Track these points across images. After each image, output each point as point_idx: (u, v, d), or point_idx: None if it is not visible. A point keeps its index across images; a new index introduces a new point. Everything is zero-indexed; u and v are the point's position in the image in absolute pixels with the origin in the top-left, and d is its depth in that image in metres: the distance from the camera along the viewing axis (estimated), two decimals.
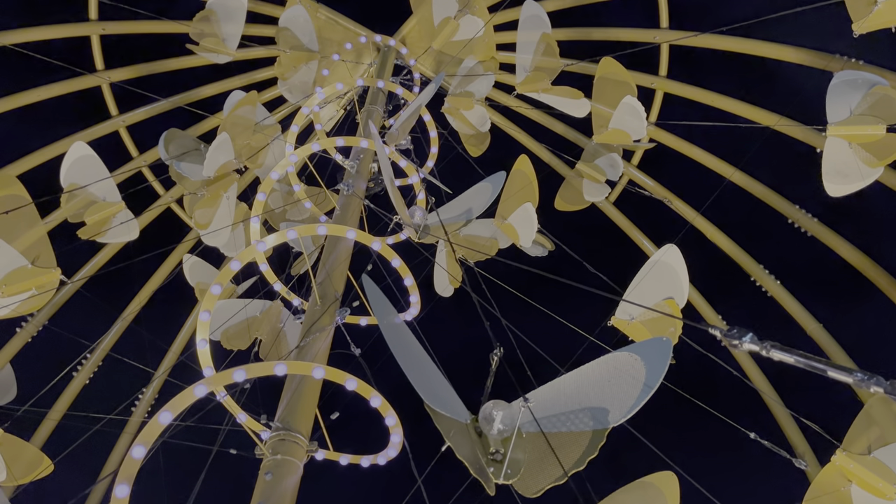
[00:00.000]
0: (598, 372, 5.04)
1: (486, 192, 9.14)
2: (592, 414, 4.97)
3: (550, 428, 5.10)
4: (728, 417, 10.91)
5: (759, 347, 4.24)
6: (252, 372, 7.09)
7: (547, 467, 5.06)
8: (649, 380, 4.72)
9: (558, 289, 14.02)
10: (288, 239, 9.01)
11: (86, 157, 12.55)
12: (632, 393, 4.81)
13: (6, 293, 8.84)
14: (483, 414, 5.44)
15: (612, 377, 4.91)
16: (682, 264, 10.04)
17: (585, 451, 4.97)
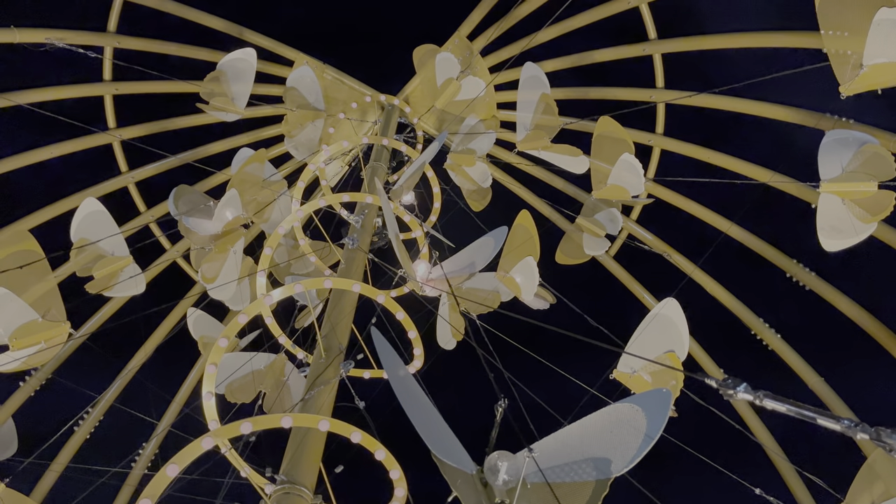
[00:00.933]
0: (601, 423, 5.14)
1: (489, 246, 9.36)
2: (595, 464, 5.05)
3: (555, 478, 5.17)
4: (731, 470, 10.88)
5: (753, 397, 4.39)
6: (258, 424, 7.17)
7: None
8: (650, 430, 4.83)
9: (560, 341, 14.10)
10: (294, 293, 9.17)
11: (96, 213, 12.82)
12: (633, 443, 4.91)
13: (16, 346, 8.96)
14: (488, 465, 5.52)
15: (613, 428, 5.02)
16: (681, 317, 10.19)
17: (589, 501, 5.03)
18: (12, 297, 9.01)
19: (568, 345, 12.84)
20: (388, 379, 5.95)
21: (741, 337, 15.52)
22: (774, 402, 4.28)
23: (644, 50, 15.43)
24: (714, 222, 15.49)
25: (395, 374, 5.80)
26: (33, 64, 15.83)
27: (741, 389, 4.39)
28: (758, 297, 15.70)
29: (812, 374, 14.22)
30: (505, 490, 5.31)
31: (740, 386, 4.43)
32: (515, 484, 5.18)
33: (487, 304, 12.40)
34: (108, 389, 15.57)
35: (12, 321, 9.01)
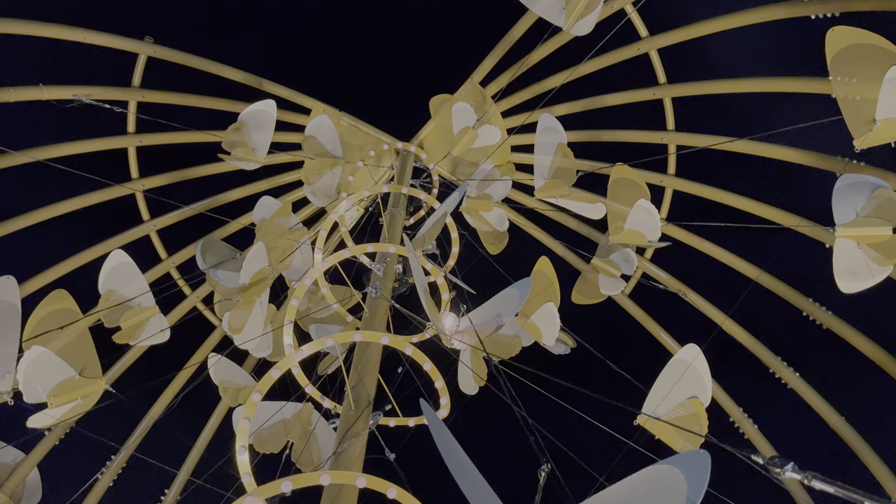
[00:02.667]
0: (641, 485, 5.28)
1: (514, 298, 9.56)
2: None
3: None
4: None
5: (801, 477, 4.51)
6: (298, 482, 7.33)
7: None
8: (691, 494, 4.97)
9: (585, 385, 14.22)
10: (325, 347, 9.39)
11: (123, 265, 13.12)
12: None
13: (55, 404, 9.17)
14: None
15: (654, 491, 5.16)
16: (703, 363, 10.33)
17: None
18: (50, 355, 9.25)
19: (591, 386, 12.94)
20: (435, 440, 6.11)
21: (758, 374, 15.62)
22: (823, 483, 4.42)
23: (655, 94, 15.80)
24: (739, 267, 15.66)
25: (443, 440, 5.96)
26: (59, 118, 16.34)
27: (789, 469, 4.54)
28: (774, 335, 15.82)
29: (833, 413, 14.27)
30: None
31: (788, 465, 4.58)
32: None
33: (509, 349, 12.60)
34: (131, 437, 15.71)
35: (50, 379, 9.23)
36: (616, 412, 12.14)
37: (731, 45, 15.76)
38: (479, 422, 15.25)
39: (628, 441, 8.20)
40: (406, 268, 13.84)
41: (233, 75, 16.76)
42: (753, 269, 15.44)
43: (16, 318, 8.36)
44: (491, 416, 15.82)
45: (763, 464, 4.78)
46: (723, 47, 15.37)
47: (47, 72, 15.10)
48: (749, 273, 15.34)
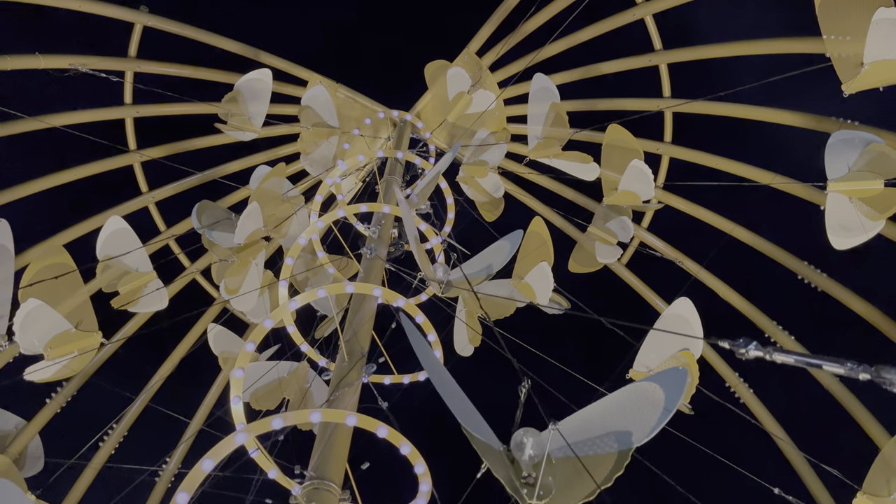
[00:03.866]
0: (621, 400, 5.38)
1: (505, 249, 9.62)
2: (617, 437, 5.28)
3: (579, 452, 5.39)
4: (747, 470, 11.01)
5: (763, 353, 4.64)
6: (289, 420, 7.43)
7: (577, 487, 5.34)
8: (668, 404, 5.06)
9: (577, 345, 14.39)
10: (318, 297, 9.48)
11: (120, 231, 13.19)
12: (653, 417, 5.14)
13: (51, 356, 9.29)
14: (514, 441, 5.75)
15: (633, 404, 5.25)
16: (695, 316, 10.39)
17: (612, 469, 5.25)
18: (47, 308, 9.35)
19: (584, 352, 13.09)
20: (419, 358, 6.21)
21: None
22: (783, 355, 4.55)
23: (650, 60, 15.78)
24: (720, 225, 15.74)
25: (425, 354, 6.06)
26: (56, 89, 16.39)
27: (752, 347, 4.64)
28: (770, 300, 15.87)
29: (826, 373, 14.32)
30: (531, 465, 5.54)
31: (751, 344, 4.68)
32: (541, 459, 5.42)
33: (503, 309, 12.66)
34: (142, 393, 15.89)
35: (47, 332, 9.34)
36: (611, 371, 12.28)
37: (728, 12, 15.79)
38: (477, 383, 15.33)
39: (600, 389, 8.27)
40: (401, 232, 13.94)
41: (229, 46, 16.78)
42: (749, 235, 15.48)
43: (9, 261, 8.45)
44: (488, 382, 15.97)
45: (728, 347, 4.87)
46: (719, 13, 15.39)
47: (44, 41, 15.14)
48: (746, 239, 15.38)
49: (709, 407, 12.93)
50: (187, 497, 6.93)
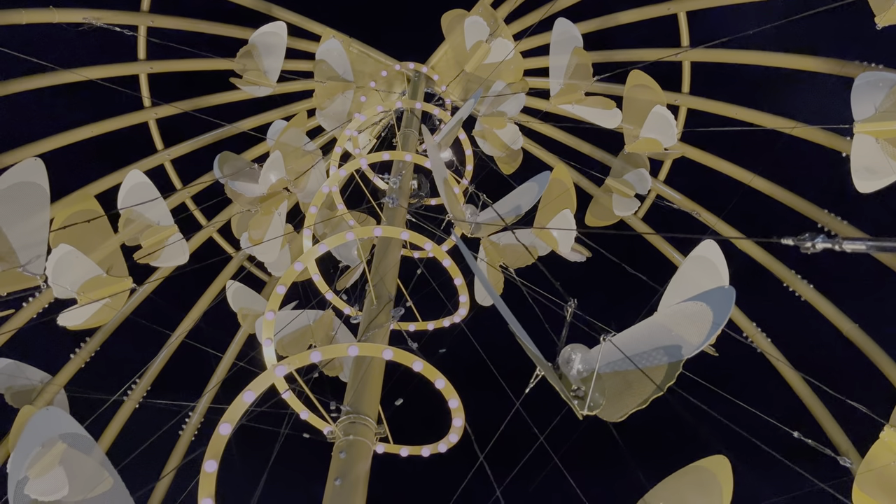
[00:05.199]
0: (668, 318, 5.44)
1: (533, 190, 9.62)
2: (666, 351, 5.36)
3: (628, 366, 5.48)
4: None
5: (832, 244, 4.60)
6: (327, 353, 7.52)
7: (626, 399, 5.43)
8: (717, 318, 5.11)
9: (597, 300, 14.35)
10: (347, 240, 9.52)
11: (141, 185, 13.18)
12: (701, 330, 5.20)
13: (84, 300, 9.38)
14: (563, 357, 5.83)
15: (681, 321, 5.31)
16: (721, 259, 10.36)
17: (664, 380, 5.32)
18: (78, 254, 9.41)
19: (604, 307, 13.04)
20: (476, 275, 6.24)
21: (773, 290, 15.72)
22: (853, 244, 4.52)
23: (669, 9, 15.57)
24: (739, 175, 15.68)
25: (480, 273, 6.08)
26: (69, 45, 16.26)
27: (819, 240, 4.64)
28: (788, 250, 15.83)
29: (846, 320, 14.40)
30: (580, 379, 5.63)
31: (818, 238, 4.68)
32: (589, 373, 5.50)
33: (524, 258, 12.69)
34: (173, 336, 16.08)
35: (79, 277, 9.41)
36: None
37: None
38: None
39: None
40: (421, 183, 13.92)
41: (242, 0, 16.61)
42: (768, 184, 15.41)
43: (44, 200, 8.49)
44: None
45: (793, 243, 4.89)
46: None
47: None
48: (765, 188, 15.32)
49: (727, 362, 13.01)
50: (230, 427, 7.05)
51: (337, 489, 7.13)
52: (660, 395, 5.29)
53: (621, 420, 5.45)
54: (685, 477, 8.80)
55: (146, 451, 10.46)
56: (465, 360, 12.71)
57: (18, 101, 15.44)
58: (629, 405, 5.39)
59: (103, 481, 7.20)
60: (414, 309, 11.20)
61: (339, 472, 7.29)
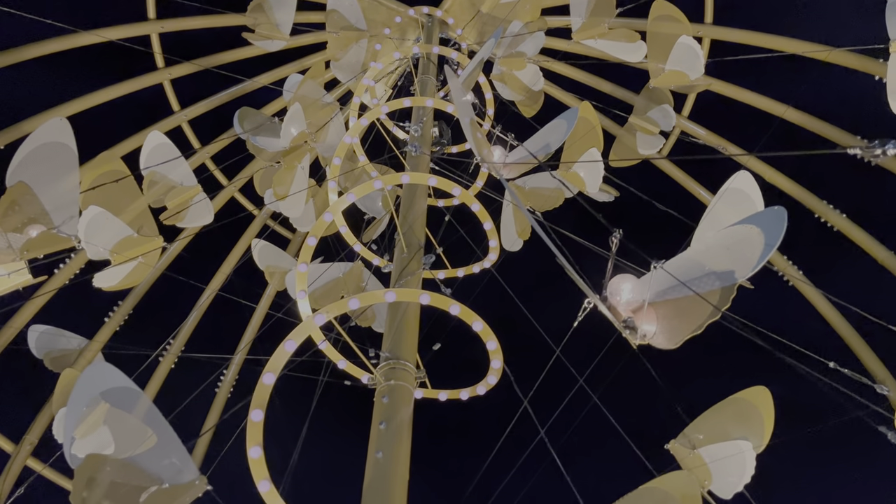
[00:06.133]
0: (718, 242, 5.33)
1: (562, 127, 9.41)
2: (718, 276, 5.27)
3: (679, 294, 5.41)
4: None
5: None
6: (365, 300, 7.52)
7: (679, 326, 5.37)
8: (769, 240, 4.99)
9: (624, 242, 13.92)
10: (374, 189, 9.43)
11: (162, 146, 13.11)
12: (754, 253, 5.09)
13: (117, 260, 9.43)
14: (611, 288, 5.77)
15: (730, 245, 5.20)
16: (756, 190, 10.14)
17: (719, 304, 5.25)
18: (108, 215, 9.42)
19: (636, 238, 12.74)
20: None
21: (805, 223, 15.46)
22: None
23: None
24: (770, 108, 15.25)
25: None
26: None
27: (891, 146, 4.46)
28: (818, 181, 15.55)
29: (881, 248, 14.16)
30: (629, 309, 5.58)
31: (889, 144, 4.50)
32: (639, 303, 5.45)
33: (551, 201, 12.55)
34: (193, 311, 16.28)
35: (111, 238, 9.45)
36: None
37: None
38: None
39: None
40: (442, 130, 13.73)
41: None
42: (800, 115, 14.98)
43: (73, 160, 8.46)
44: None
45: (861, 153, 4.73)
46: None
47: None
48: (797, 119, 14.89)
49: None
50: (273, 377, 7.12)
51: (382, 433, 7.21)
52: (714, 320, 5.23)
53: (675, 347, 5.41)
54: (726, 409, 8.80)
55: (183, 409, 10.67)
56: (495, 308, 12.73)
57: (27, 68, 15.34)
58: (684, 331, 5.34)
59: (149, 437, 7.31)
60: (443, 256, 11.17)
61: (383, 417, 7.36)
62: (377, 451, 7.00)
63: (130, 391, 6.63)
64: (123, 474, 6.01)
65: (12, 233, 8.03)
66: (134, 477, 6.04)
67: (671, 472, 6.92)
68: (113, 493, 5.90)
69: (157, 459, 6.38)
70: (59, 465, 14.88)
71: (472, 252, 12.08)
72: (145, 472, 6.11)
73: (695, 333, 5.36)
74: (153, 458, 6.42)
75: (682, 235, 11.83)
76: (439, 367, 9.55)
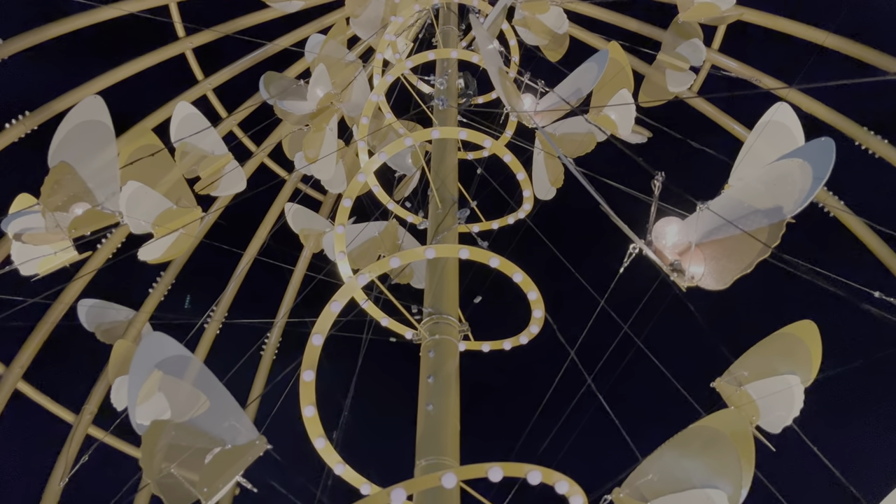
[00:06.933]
0: (763, 179, 5.23)
1: (592, 70, 9.22)
2: (766, 213, 5.19)
3: (726, 233, 5.36)
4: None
5: None
6: (405, 257, 7.58)
7: (727, 266, 5.33)
8: (818, 172, 4.87)
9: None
10: (405, 146, 9.41)
11: (190, 116, 13.15)
12: (802, 187, 4.99)
13: (160, 233, 9.61)
14: (656, 231, 5.74)
15: (776, 180, 5.09)
16: (795, 121, 9.87)
17: (769, 239, 5.18)
18: (147, 189, 9.56)
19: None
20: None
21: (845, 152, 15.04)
22: None
23: None
24: (808, 35, 14.70)
25: None
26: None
27: None
28: (856, 106, 15.07)
29: None
30: (675, 252, 5.55)
31: None
32: (685, 245, 5.41)
33: (583, 146, 12.36)
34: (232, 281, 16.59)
35: (151, 211, 9.61)
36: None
37: None
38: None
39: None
40: (467, 81, 13.54)
41: None
42: (843, 41, 14.43)
43: (110, 137, 8.58)
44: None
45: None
46: None
47: None
48: (839, 46, 14.33)
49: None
50: (321, 339, 7.27)
51: (431, 386, 7.34)
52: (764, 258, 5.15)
53: (725, 287, 5.37)
54: (772, 345, 8.75)
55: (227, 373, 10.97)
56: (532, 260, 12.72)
57: (48, 48, 15.44)
58: (733, 271, 5.29)
59: (203, 401, 7.53)
60: (477, 210, 11.15)
61: (430, 371, 7.48)
62: (427, 403, 7.14)
63: (185, 359, 6.84)
64: (187, 438, 6.24)
65: (59, 212, 8.22)
66: (197, 440, 6.28)
67: (719, 410, 6.96)
68: (179, 456, 6.14)
69: (217, 422, 6.60)
70: (118, 432, 15.54)
71: (505, 204, 12.04)
72: (207, 435, 6.33)
73: (744, 273, 5.30)
74: (213, 420, 6.63)
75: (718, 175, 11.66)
76: (481, 319, 9.65)
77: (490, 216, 11.78)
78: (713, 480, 6.10)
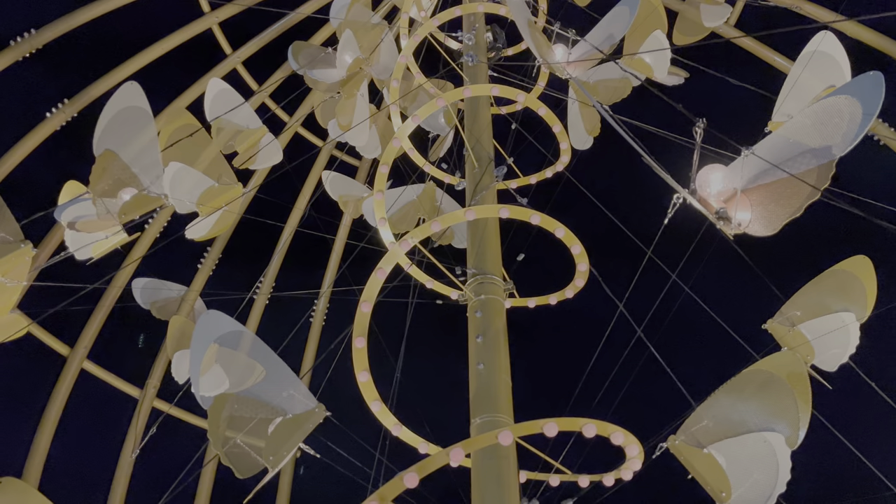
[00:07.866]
0: (808, 118, 5.06)
1: (624, 14, 8.95)
2: (814, 154, 5.03)
3: (773, 177, 5.23)
4: None
5: None
6: (446, 221, 7.61)
7: (776, 211, 5.22)
8: (867, 108, 4.69)
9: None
10: (438, 107, 9.35)
11: (223, 91, 13.23)
12: (853, 124, 4.80)
13: (204, 212, 9.81)
14: (700, 180, 5.64)
15: (823, 119, 4.93)
16: (841, 52, 9.46)
17: (818, 181, 5.04)
18: (188, 169, 9.72)
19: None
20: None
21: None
22: None
23: None
24: None
25: None
26: None
27: None
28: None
29: None
30: (721, 199, 5.46)
31: None
32: (731, 192, 5.31)
33: (619, 92, 12.08)
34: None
35: (193, 190, 9.79)
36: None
37: None
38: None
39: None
40: (496, 34, 13.29)
41: None
42: None
43: (149, 121, 8.75)
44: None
45: None
46: None
47: None
48: None
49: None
50: (370, 306, 7.40)
51: (480, 345, 7.44)
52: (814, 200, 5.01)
53: (776, 232, 5.25)
54: (825, 282, 8.58)
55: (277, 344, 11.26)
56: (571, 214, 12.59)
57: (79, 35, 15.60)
58: (782, 216, 5.17)
59: (259, 373, 7.75)
60: (514, 166, 11.07)
61: (478, 330, 7.57)
62: (478, 363, 7.25)
63: (241, 333, 7.04)
64: (250, 409, 6.47)
65: (107, 198, 8.44)
66: (260, 411, 6.50)
67: (773, 353, 6.89)
68: (243, 426, 6.39)
69: (276, 392, 6.81)
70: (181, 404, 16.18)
71: (542, 157, 11.90)
72: (269, 405, 6.56)
73: (794, 217, 5.17)
74: (272, 391, 6.85)
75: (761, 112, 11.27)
76: (526, 276, 9.66)
77: (527, 171, 11.69)
78: (770, 423, 6.08)
